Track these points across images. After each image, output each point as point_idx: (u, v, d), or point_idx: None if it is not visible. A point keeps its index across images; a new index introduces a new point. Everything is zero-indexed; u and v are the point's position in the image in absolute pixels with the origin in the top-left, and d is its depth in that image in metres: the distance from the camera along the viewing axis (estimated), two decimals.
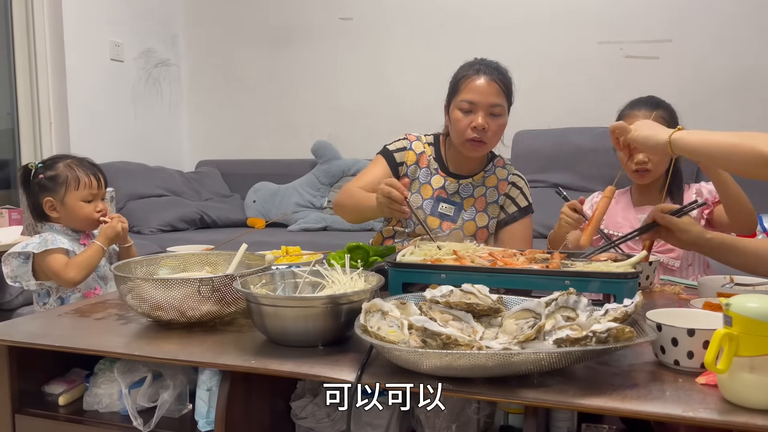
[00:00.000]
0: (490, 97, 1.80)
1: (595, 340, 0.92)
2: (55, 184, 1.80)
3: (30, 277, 1.75)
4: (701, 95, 3.29)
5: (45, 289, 1.79)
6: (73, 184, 1.81)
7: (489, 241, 1.93)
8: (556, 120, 3.46)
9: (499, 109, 1.81)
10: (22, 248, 1.74)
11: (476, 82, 1.81)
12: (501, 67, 1.86)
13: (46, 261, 1.73)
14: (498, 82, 1.81)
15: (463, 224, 1.90)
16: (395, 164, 1.96)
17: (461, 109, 1.82)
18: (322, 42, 4.03)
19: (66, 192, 1.80)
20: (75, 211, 1.81)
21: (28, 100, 3.53)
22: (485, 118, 1.79)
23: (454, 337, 0.92)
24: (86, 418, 1.23)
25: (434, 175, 1.95)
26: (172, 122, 4.25)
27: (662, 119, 1.74)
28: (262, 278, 1.23)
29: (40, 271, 1.76)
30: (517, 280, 1.29)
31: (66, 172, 1.81)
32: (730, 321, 0.85)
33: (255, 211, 3.82)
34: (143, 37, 4.02)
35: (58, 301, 1.79)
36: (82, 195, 1.82)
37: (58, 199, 1.80)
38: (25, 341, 1.20)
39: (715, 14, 3.29)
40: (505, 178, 1.97)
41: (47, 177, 1.81)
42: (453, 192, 1.93)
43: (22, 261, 1.75)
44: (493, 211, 1.93)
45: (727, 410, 0.83)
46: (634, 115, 1.76)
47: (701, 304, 1.22)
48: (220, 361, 1.06)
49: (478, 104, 1.80)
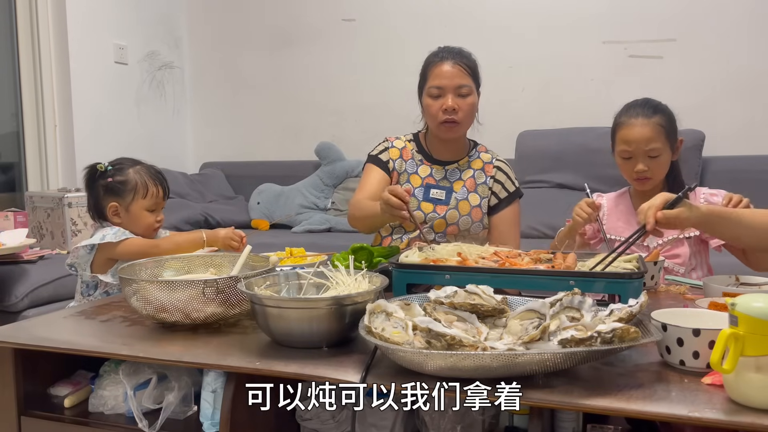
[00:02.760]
0: (455, 79, 1.89)
1: (600, 340, 0.92)
2: (123, 189, 1.80)
3: (87, 267, 1.79)
4: (705, 95, 3.28)
5: (95, 282, 1.81)
6: (141, 191, 1.81)
7: (483, 220, 1.98)
8: (560, 120, 3.45)
9: (466, 89, 1.90)
10: (101, 239, 1.75)
11: (441, 68, 1.91)
12: (464, 51, 1.96)
13: (127, 244, 1.75)
14: (461, 64, 1.91)
15: (457, 204, 1.96)
16: (383, 164, 2.03)
17: (431, 96, 1.91)
18: (325, 43, 4.03)
19: (133, 199, 1.80)
20: (138, 220, 1.81)
21: (33, 102, 3.54)
22: (454, 99, 1.89)
23: (458, 338, 0.92)
24: (92, 420, 1.23)
25: (420, 166, 2.03)
26: (176, 124, 4.26)
27: (660, 126, 1.72)
28: (267, 280, 1.23)
29: (101, 263, 1.78)
30: (522, 280, 1.29)
31: (136, 178, 1.81)
32: (736, 321, 0.85)
33: (259, 212, 3.82)
34: (147, 40, 4.03)
35: (104, 294, 1.80)
36: (147, 204, 1.82)
37: (124, 205, 1.80)
38: (30, 343, 1.20)
39: (720, 14, 3.28)
40: (489, 161, 2.04)
41: (117, 181, 1.81)
42: (441, 178, 2.01)
43: (88, 251, 1.78)
44: (483, 191, 2.00)
45: (733, 410, 0.83)
46: (632, 124, 1.74)
47: (706, 303, 1.21)
48: (224, 362, 1.06)
49: (446, 87, 1.89)
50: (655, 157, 1.73)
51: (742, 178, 2.94)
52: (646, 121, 1.73)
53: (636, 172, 1.75)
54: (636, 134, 1.73)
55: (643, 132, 1.72)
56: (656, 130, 1.72)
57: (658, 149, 1.72)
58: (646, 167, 1.74)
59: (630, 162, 1.76)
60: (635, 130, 1.73)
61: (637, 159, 1.74)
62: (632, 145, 1.73)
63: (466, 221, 1.96)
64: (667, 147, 1.74)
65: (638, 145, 1.73)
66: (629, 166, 1.77)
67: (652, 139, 1.72)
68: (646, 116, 1.74)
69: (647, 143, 1.72)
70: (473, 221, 1.97)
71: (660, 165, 1.75)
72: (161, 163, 3.85)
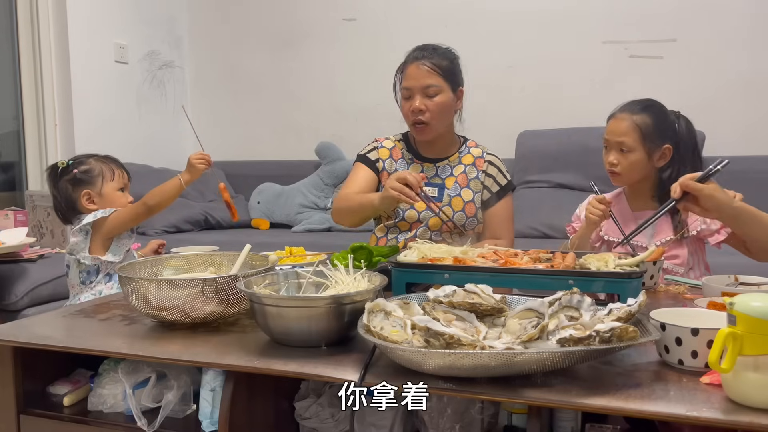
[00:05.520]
0: (422, 79, 1.90)
1: (598, 339, 0.92)
2: (90, 177, 1.91)
3: (86, 251, 1.85)
4: (705, 95, 3.27)
5: (95, 266, 1.86)
6: (108, 175, 1.93)
7: (477, 215, 1.99)
8: (560, 120, 3.45)
9: (433, 89, 1.90)
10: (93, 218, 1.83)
11: (409, 70, 1.94)
12: (440, 48, 1.96)
13: (116, 215, 1.85)
14: (428, 64, 1.91)
15: (450, 201, 1.96)
16: (372, 163, 2.05)
17: (404, 97, 1.96)
18: (325, 43, 4.03)
19: (103, 183, 1.91)
20: (114, 200, 1.92)
21: (33, 102, 3.55)
22: (421, 100, 1.90)
23: (457, 337, 0.92)
24: (91, 419, 1.23)
25: (411, 164, 2.04)
26: (177, 124, 4.25)
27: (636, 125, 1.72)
28: (266, 278, 1.23)
29: (98, 245, 1.86)
30: (521, 280, 1.29)
31: (99, 165, 1.93)
32: (734, 320, 0.85)
33: (259, 212, 3.82)
34: (148, 39, 4.03)
35: (107, 278, 1.86)
36: (117, 185, 1.94)
37: (96, 191, 1.91)
38: (30, 342, 1.20)
39: (720, 14, 3.28)
40: (480, 155, 2.04)
41: (82, 171, 1.91)
42: (432, 175, 2.02)
43: (84, 236, 1.85)
44: (475, 186, 2.00)
45: (731, 410, 0.83)
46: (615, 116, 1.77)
47: (705, 303, 1.22)
48: (223, 361, 1.06)
49: (413, 89, 1.91)
50: (624, 152, 1.74)
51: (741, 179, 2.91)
52: (626, 116, 1.75)
53: (607, 162, 1.78)
54: (612, 126, 1.77)
55: (618, 125, 1.75)
56: (631, 126, 1.73)
57: (628, 145, 1.73)
58: (616, 161, 1.76)
59: (606, 153, 1.80)
60: (613, 122, 1.78)
61: (609, 150, 1.78)
62: (608, 135, 1.78)
63: (461, 217, 1.96)
64: (641, 147, 1.73)
65: (612, 136, 1.76)
66: (605, 157, 1.80)
67: (623, 133, 1.74)
68: (630, 111, 1.76)
69: (618, 136, 1.75)
70: (467, 217, 1.97)
71: (630, 163, 1.75)
72: (161, 162, 3.90)
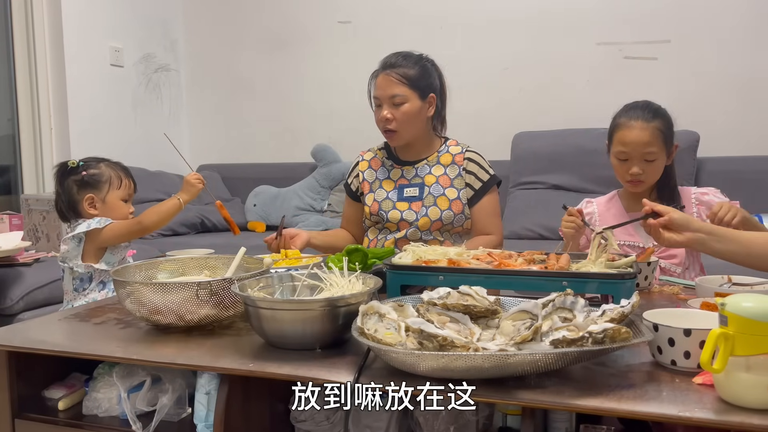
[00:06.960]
0: (388, 89, 1.94)
1: (591, 340, 0.92)
2: (97, 181, 1.89)
3: (79, 259, 1.84)
4: (700, 96, 3.29)
5: (89, 273, 1.85)
6: (116, 182, 1.91)
7: (464, 211, 2.01)
8: (555, 121, 3.46)
9: (399, 98, 1.94)
10: (87, 227, 1.82)
11: (378, 80, 1.98)
12: (411, 56, 1.99)
13: (110, 227, 1.83)
14: (394, 75, 1.94)
15: (435, 200, 1.98)
16: (352, 192, 2.15)
17: (375, 105, 2.00)
18: (321, 45, 4.03)
19: (109, 190, 1.90)
20: (115, 209, 1.90)
21: (29, 105, 3.54)
22: (389, 109, 1.95)
23: (450, 339, 0.92)
24: (86, 423, 1.23)
25: (392, 170, 2.08)
26: (172, 127, 4.25)
27: (659, 131, 1.73)
28: (260, 281, 1.23)
29: (90, 253, 1.85)
30: (515, 281, 1.30)
31: (109, 171, 1.92)
32: (726, 321, 0.86)
33: (255, 214, 3.82)
34: (143, 42, 4.03)
35: (100, 285, 1.85)
36: (122, 194, 1.92)
37: (100, 196, 1.89)
38: (24, 346, 1.20)
39: (714, 15, 3.29)
40: (460, 152, 2.05)
41: (90, 174, 1.89)
42: (412, 176, 2.05)
43: (76, 244, 1.84)
44: (459, 183, 2.02)
45: (723, 410, 0.83)
46: (631, 126, 1.74)
47: (698, 304, 1.22)
48: (218, 364, 1.06)
49: (381, 98, 1.97)
50: (650, 161, 1.74)
51: (736, 179, 2.95)
52: (645, 124, 1.73)
53: (630, 174, 1.75)
54: (634, 137, 1.73)
55: (641, 135, 1.72)
56: (654, 134, 1.72)
57: (655, 153, 1.73)
58: (641, 170, 1.74)
59: (625, 164, 1.76)
60: (634, 132, 1.73)
61: (632, 161, 1.75)
62: (629, 147, 1.74)
63: (449, 215, 1.97)
64: (663, 152, 1.74)
65: (635, 147, 1.73)
66: (624, 168, 1.77)
67: (649, 143, 1.72)
68: (645, 119, 1.73)
69: (644, 147, 1.72)
70: (455, 214, 1.98)
71: (655, 169, 1.76)
72: (158, 165, 3.89)
